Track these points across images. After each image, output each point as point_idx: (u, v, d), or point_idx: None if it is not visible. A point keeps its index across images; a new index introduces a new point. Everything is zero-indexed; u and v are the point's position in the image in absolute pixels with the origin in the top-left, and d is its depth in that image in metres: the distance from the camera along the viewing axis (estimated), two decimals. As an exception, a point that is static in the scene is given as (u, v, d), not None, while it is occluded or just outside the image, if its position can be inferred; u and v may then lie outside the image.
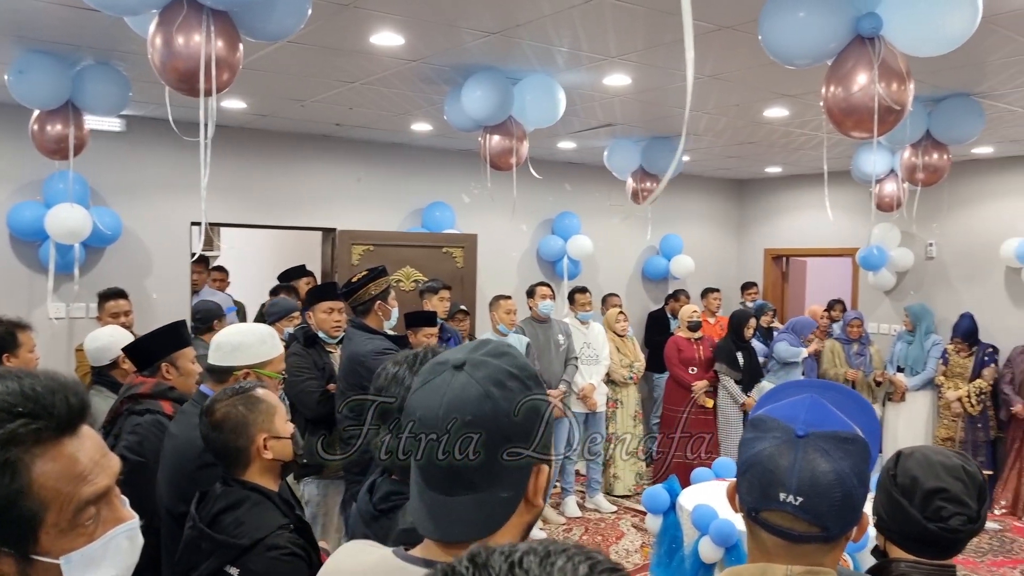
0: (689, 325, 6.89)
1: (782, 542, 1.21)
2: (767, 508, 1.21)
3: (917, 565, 1.66)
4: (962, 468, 1.68)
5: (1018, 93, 4.70)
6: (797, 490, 1.18)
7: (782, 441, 1.22)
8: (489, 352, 1.10)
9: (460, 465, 1.04)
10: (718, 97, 5.00)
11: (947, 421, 6.91)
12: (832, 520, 1.19)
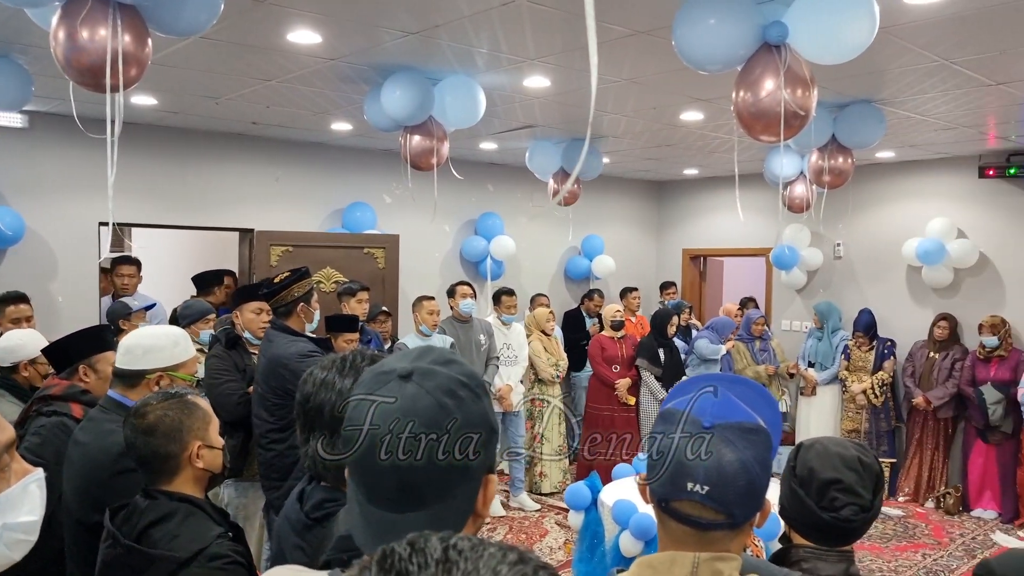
0: (612, 324, 7.01)
1: (690, 530, 1.25)
2: (676, 498, 1.24)
3: (816, 551, 1.73)
4: (858, 459, 1.74)
5: (916, 100, 4.95)
6: (704, 479, 1.21)
7: (689, 433, 1.26)
8: (436, 360, 1.08)
9: (409, 482, 1.01)
10: (635, 100, 5.10)
11: (852, 413, 7.23)
12: (737, 507, 1.23)
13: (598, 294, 8.06)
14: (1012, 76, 4.35)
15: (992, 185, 6.94)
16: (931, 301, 7.31)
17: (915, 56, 4.01)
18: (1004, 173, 6.74)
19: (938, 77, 4.39)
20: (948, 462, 6.92)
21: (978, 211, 7.06)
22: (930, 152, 6.95)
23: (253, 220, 6.47)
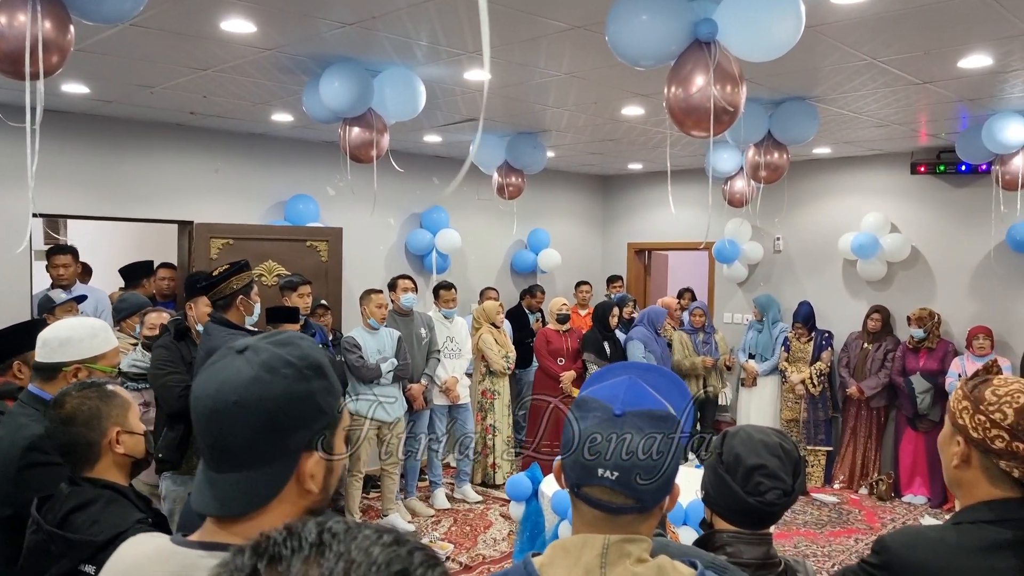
0: (558, 317, 7.06)
1: (601, 514, 1.28)
2: (588, 483, 1.27)
3: (738, 535, 1.78)
4: (780, 446, 1.80)
5: (848, 98, 5.08)
6: (614, 466, 1.24)
7: (601, 420, 1.29)
8: (274, 341, 1.16)
9: (223, 444, 1.11)
10: (576, 95, 5.14)
11: (791, 403, 7.41)
12: (646, 492, 1.26)
13: (540, 290, 8.10)
14: (937, 75, 4.49)
15: (924, 181, 7.15)
16: (866, 293, 7.51)
17: (844, 54, 4.11)
18: (935, 170, 6.96)
19: (867, 75, 4.51)
20: (881, 450, 7.13)
21: (910, 206, 7.28)
22: (865, 148, 7.14)
23: (192, 212, 6.35)
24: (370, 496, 6.62)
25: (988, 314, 6.77)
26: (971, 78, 4.52)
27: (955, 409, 1.56)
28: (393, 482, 6.03)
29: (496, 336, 6.96)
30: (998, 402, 1.49)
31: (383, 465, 6.01)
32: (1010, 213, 6.04)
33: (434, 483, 6.61)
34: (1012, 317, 6.67)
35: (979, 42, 3.89)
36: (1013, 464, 1.47)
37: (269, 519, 1.12)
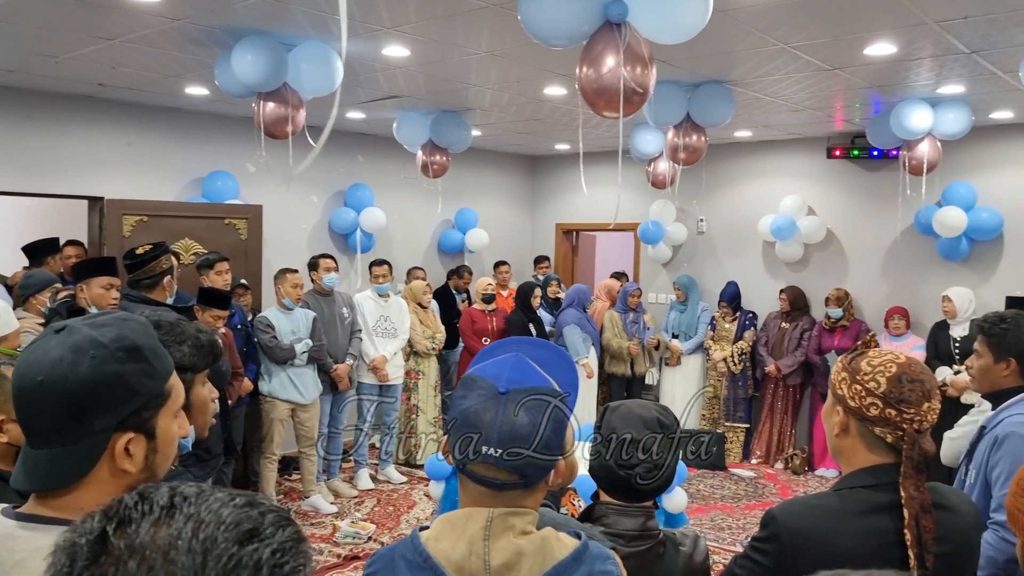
0: (483, 297, 7.07)
1: (486, 490, 1.30)
2: (473, 460, 1.29)
3: (618, 507, 1.82)
4: (658, 421, 1.83)
5: (763, 82, 5.18)
6: (498, 443, 1.26)
7: (486, 398, 1.30)
8: (94, 321, 1.17)
9: (30, 422, 1.14)
10: (498, 73, 5.12)
11: (713, 381, 7.59)
12: (530, 469, 1.29)
13: (467, 271, 8.09)
14: (845, 62, 4.61)
15: (839, 165, 7.36)
16: (784, 274, 7.72)
17: (757, 39, 4.19)
18: (849, 154, 7.17)
19: (780, 60, 4.60)
20: (796, 426, 7.37)
21: (826, 190, 7.49)
22: (783, 133, 7.31)
23: (103, 188, 6.13)
24: (292, 478, 6.55)
25: (898, 294, 7.04)
26: (878, 65, 4.65)
27: (835, 380, 1.63)
28: (312, 464, 5.97)
29: (421, 316, 6.92)
30: (872, 372, 1.56)
31: (300, 448, 5.94)
32: (917, 197, 6.27)
33: (359, 463, 6.57)
34: (920, 297, 6.93)
35: (883, 30, 4.01)
36: (886, 430, 1.54)
37: (87, 496, 1.14)
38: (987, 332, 2.54)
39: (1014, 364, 2.49)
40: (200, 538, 0.68)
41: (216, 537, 0.69)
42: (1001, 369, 2.50)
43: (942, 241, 6.64)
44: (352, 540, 5.36)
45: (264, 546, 0.70)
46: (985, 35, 4.02)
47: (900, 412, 1.53)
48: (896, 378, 1.54)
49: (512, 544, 1.28)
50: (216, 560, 0.68)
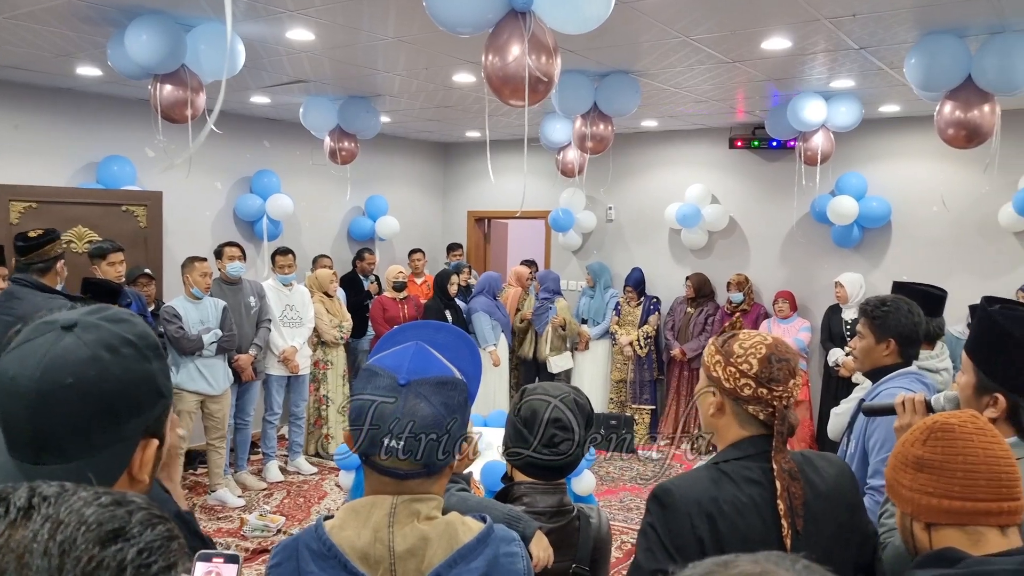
0: (395, 285, 7.02)
1: (390, 480, 1.32)
2: (374, 453, 1.30)
3: (534, 486, 1.90)
4: (574, 401, 1.92)
5: (667, 73, 5.30)
6: (400, 435, 1.27)
7: (387, 390, 1.31)
8: (105, 317, 1.05)
9: (47, 431, 0.98)
10: (406, 60, 5.07)
11: (620, 364, 7.76)
12: (432, 458, 1.30)
13: (368, 252, 8.02)
14: (744, 55, 4.76)
15: (740, 155, 7.61)
16: (689, 261, 7.94)
17: (660, 31, 4.28)
18: (750, 145, 7.41)
19: (683, 52, 4.72)
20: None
21: (729, 179, 7.73)
22: (688, 123, 7.50)
23: (-12, 172, 5.80)
24: (197, 472, 6.38)
25: (794, 280, 7.34)
26: (774, 59, 4.83)
27: (709, 363, 1.71)
28: (220, 456, 5.83)
29: (328, 305, 6.83)
30: (744, 354, 1.64)
31: (208, 440, 5.79)
32: (812, 187, 6.55)
33: (267, 455, 6.45)
34: (815, 283, 7.25)
35: (778, 25, 4.16)
36: (758, 408, 1.63)
37: None
38: (870, 315, 2.69)
39: (894, 344, 2.65)
40: (57, 540, 0.65)
41: (75, 538, 0.66)
42: (882, 349, 2.66)
43: (835, 229, 6.96)
44: (261, 533, 5.27)
45: (130, 546, 0.68)
46: (872, 32, 4.22)
47: (771, 391, 1.62)
48: (766, 359, 1.62)
49: (416, 530, 1.30)
50: (75, 562, 0.65)
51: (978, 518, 1.33)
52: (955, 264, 6.49)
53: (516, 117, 7.08)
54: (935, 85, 4.29)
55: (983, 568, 1.25)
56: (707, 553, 1.54)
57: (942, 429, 1.38)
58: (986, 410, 1.76)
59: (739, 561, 0.74)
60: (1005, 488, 1.32)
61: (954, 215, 6.53)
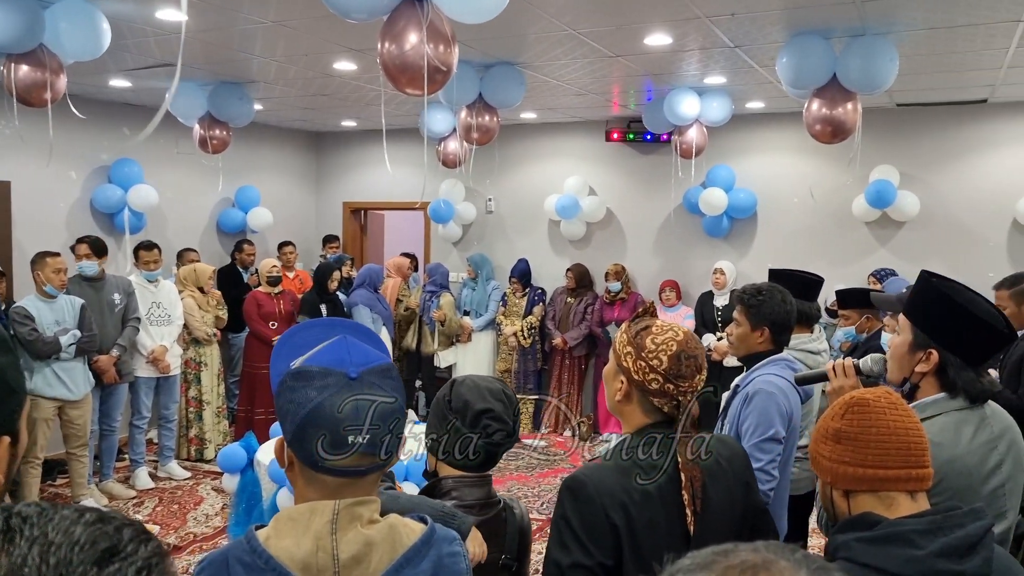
0: (269, 280, 6.77)
1: (346, 480, 1.26)
2: (338, 453, 1.23)
3: (462, 479, 1.88)
4: (502, 391, 1.93)
5: (551, 66, 5.35)
6: (364, 428, 1.23)
7: (338, 387, 1.25)
8: None
9: None
10: (285, 45, 4.88)
11: (504, 355, 7.81)
12: (393, 448, 1.28)
13: (247, 243, 7.72)
14: (627, 50, 4.88)
15: (616, 148, 7.80)
16: (568, 252, 8.09)
17: (548, 23, 4.31)
18: (625, 137, 7.62)
19: (568, 45, 4.77)
20: (582, 395, 7.78)
21: (605, 171, 7.91)
22: (566, 116, 7.62)
23: None
24: (56, 483, 5.93)
25: (670, 269, 7.62)
26: (655, 55, 4.97)
27: (620, 352, 1.74)
28: (83, 465, 5.44)
29: (200, 301, 6.50)
30: (656, 350, 1.69)
31: (68, 449, 5.38)
32: (686, 179, 6.80)
33: (135, 462, 6.08)
34: (690, 272, 7.55)
35: (661, 22, 4.28)
36: (664, 401, 1.69)
37: None
38: (745, 303, 2.82)
39: (768, 332, 2.79)
40: (51, 563, 0.60)
41: (71, 559, 0.61)
42: (757, 336, 2.80)
43: (707, 219, 7.26)
44: (134, 545, 4.95)
45: (127, 564, 0.64)
46: (747, 31, 4.42)
47: (677, 387, 1.68)
48: (676, 356, 1.68)
49: (361, 535, 1.25)
50: None
51: (890, 484, 1.42)
52: (814, 252, 6.91)
53: (395, 107, 6.98)
54: (803, 83, 4.55)
55: (897, 529, 1.34)
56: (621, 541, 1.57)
57: (858, 404, 1.46)
58: (919, 365, 1.89)
59: (739, 550, 0.75)
60: (914, 457, 1.42)
61: (813, 206, 6.96)
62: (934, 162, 6.68)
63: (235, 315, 6.89)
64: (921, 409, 1.86)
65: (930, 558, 1.30)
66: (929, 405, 1.88)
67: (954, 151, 6.63)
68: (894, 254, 6.83)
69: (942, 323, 1.87)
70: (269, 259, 7.06)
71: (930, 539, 1.32)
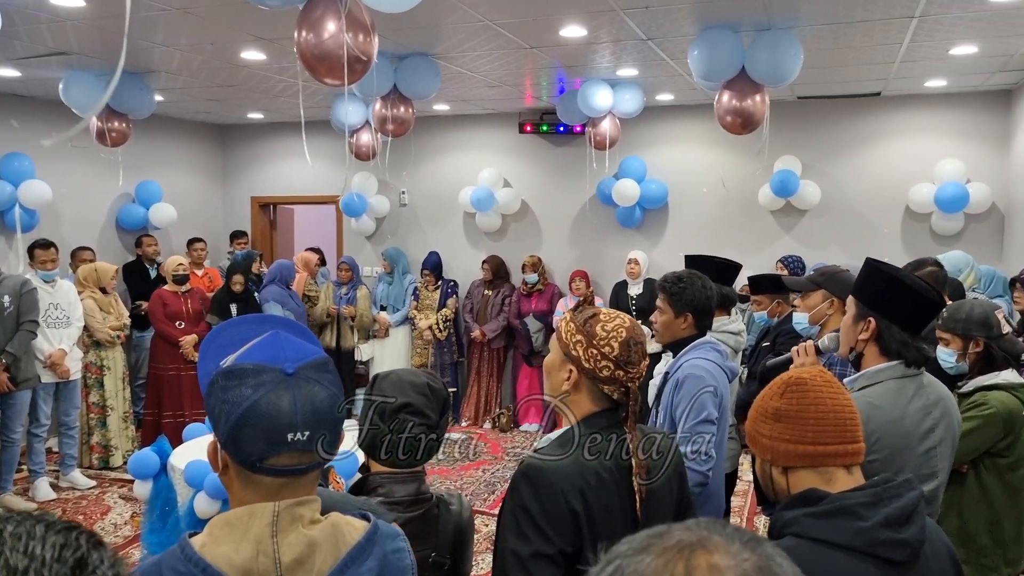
0: (175, 278, 6.51)
1: (286, 480, 1.22)
2: (275, 453, 1.19)
3: (391, 475, 1.84)
4: (427, 385, 1.89)
5: (466, 57, 5.32)
6: (304, 425, 1.19)
7: (274, 384, 1.21)
8: None
9: None
10: (190, 33, 4.69)
11: (420, 349, 7.77)
12: (332, 444, 1.25)
13: (147, 236, 7.42)
14: (542, 42, 4.90)
15: (530, 140, 7.84)
16: (484, 244, 8.08)
17: (464, 14, 4.28)
18: (539, 129, 7.66)
19: (484, 36, 4.76)
20: (501, 386, 7.80)
21: (520, 163, 7.94)
22: (480, 107, 7.60)
23: None
24: (-52, 499, 5.57)
25: (585, 259, 7.71)
26: (569, 46, 5.01)
27: (568, 342, 1.74)
28: (-21, 479, 5.12)
29: (102, 302, 6.20)
30: (607, 337, 1.70)
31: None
32: (600, 170, 6.89)
33: (35, 472, 5.75)
34: (604, 262, 7.67)
35: (577, 13, 4.31)
36: (613, 388, 1.71)
37: None
38: (668, 290, 2.88)
39: (691, 317, 2.86)
40: None
41: None
42: (681, 323, 2.87)
43: (620, 210, 7.38)
44: (38, 560, 4.69)
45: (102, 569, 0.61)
46: (660, 24, 4.50)
47: (627, 372, 1.70)
48: (626, 343, 1.70)
49: (303, 536, 1.21)
50: None
51: (829, 460, 1.48)
52: (724, 240, 7.11)
53: (306, 98, 6.81)
54: (714, 76, 4.67)
55: (843, 503, 1.40)
56: (581, 526, 1.58)
57: (796, 383, 1.51)
58: (861, 334, 2.08)
59: (673, 531, 0.76)
60: (849, 432, 1.49)
61: (722, 196, 7.17)
62: (833, 153, 6.99)
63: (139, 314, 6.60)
64: (868, 377, 2.04)
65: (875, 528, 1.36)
66: (874, 373, 2.05)
67: (851, 142, 6.95)
68: (798, 241, 7.11)
69: (882, 295, 2.06)
70: (175, 256, 6.79)
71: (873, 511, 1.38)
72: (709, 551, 0.72)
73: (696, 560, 0.71)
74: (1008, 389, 2.74)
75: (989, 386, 2.76)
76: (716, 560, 0.71)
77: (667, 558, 0.71)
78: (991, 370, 2.79)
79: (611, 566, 0.73)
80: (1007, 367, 2.79)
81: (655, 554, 0.72)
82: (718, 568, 0.70)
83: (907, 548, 1.36)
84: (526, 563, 1.56)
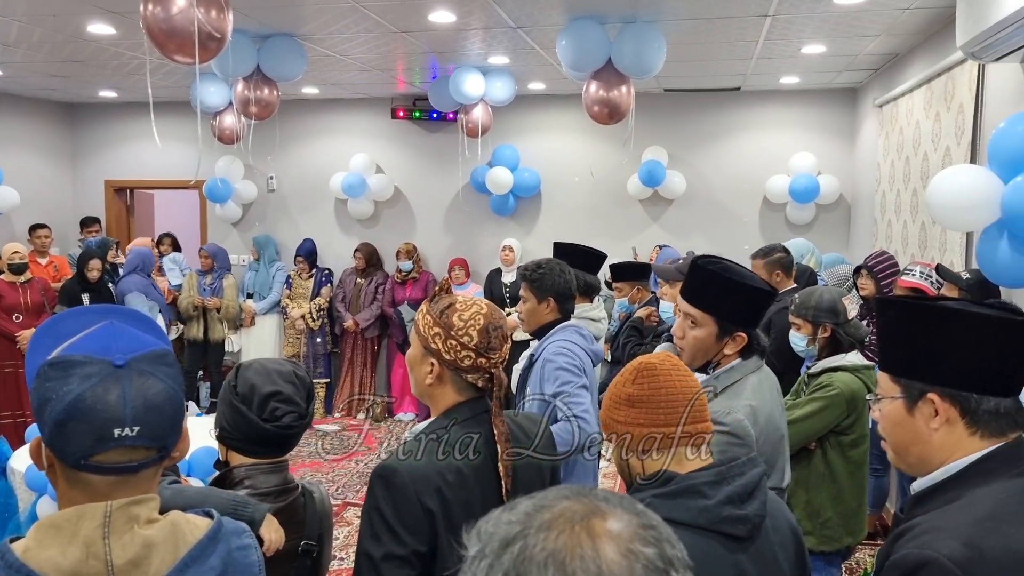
0: (12, 267, 6.03)
1: (117, 478, 1.15)
2: (101, 450, 1.12)
3: (255, 467, 1.81)
4: (293, 373, 1.87)
5: (334, 39, 5.18)
6: (133, 420, 1.13)
7: (101, 377, 1.13)
8: None
9: None
10: (29, 3, 4.34)
11: (292, 339, 7.56)
12: (169, 437, 1.19)
13: None
14: (411, 26, 4.82)
15: (403, 126, 7.73)
16: (357, 231, 7.93)
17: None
18: (411, 115, 7.57)
19: (351, 18, 4.64)
20: (375, 376, 7.69)
21: (392, 149, 7.83)
22: (351, 92, 7.43)
23: None
24: None
25: (459, 247, 7.70)
26: (439, 32, 4.96)
27: (427, 335, 1.71)
28: None
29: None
30: (464, 327, 1.68)
31: None
32: (472, 158, 6.88)
33: None
34: (478, 249, 7.68)
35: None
36: (477, 376, 1.70)
37: None
38: (528, 278, 2.94)
39: (553, 303, 2.93)
40: None
41: None
42: (544, 308, 2.93)
43: (494, 198, 7.41)
44: None
45: None
46: (528, 13, 4.51)
47: (489, 359, 1.69)
48: (484, 330, 1.69)
49: (138, 537, 1.15)
50: None
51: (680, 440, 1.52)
52: (595, 228, 7.26)
53: (162, 77, 6.47)
54: (581, 66, 4.74)
55: (689, 483, 1.45)
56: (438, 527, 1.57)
57: (647, 368, 1.55)
58: (727, 348, 2.10)
59: (552, 503, 0.77)
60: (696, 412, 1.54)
61: (592, 185, 7.31)
62: (697, 144, 7.25)
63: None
64: (728, 374, 2.10)
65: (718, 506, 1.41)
66: (734, 370, 2.11)
67: (714, 134, 7.23)
68: (665, 230, 7.35)
69: (731, 305, 2.09)
70: (12, 243, 6.28)
71: (717, 489, 1.43)
72: (602, 516, 0.75)
73: (595, 528, 0.74)
74: (852, 371, 2.95)
75: (835, 368, 2.96)
76: (610, 526, 0.74)
77: (569, 532, 0.73)
78: (838, 353, 2.99)
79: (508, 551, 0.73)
80: (852, 350, 3.00)
81: (557, 529, 0.74)
82: (617, 533, 0.74)
83: (748, 524, 1.42)
84: (378, 565, 1.53)
